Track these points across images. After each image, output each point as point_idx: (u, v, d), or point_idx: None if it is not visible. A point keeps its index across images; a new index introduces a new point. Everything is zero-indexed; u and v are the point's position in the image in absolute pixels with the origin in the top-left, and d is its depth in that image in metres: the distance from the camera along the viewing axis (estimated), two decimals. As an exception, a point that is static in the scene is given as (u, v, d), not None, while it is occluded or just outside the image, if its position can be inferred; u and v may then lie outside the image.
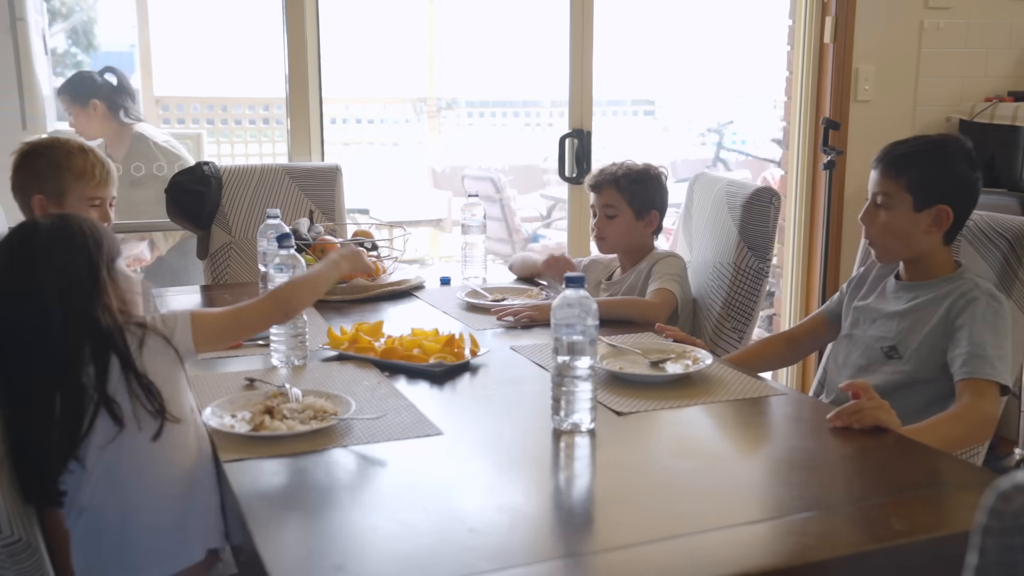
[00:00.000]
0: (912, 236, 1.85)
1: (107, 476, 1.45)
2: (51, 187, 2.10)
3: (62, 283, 1.43)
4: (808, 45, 3.59)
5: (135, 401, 1.44)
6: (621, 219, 2.45)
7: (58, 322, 1.41)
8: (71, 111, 3.41)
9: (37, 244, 1.45)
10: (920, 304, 1.84)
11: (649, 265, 2.42)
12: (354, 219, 4.86)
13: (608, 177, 2.47)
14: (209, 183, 2.88)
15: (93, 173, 2.13)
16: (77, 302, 1.43)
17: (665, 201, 2.50)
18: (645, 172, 2.47)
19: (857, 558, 1.16)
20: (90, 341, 1.43)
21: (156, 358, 1.49)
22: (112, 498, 1.45)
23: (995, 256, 1.99)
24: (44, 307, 1.42)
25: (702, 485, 1.40)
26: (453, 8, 9.41)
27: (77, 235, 1.48)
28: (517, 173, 7.61)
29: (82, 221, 1.51)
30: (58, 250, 1.46)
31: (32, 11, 3.25)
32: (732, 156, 8.33)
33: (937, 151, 1.86)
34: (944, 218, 1.82)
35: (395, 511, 1.28)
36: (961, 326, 1.77)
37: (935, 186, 1.83)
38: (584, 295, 1.50)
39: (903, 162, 1.85)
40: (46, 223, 1.49)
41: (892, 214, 1.85)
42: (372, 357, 1.91)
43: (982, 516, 0.74)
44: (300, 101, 3.20)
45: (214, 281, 2.90)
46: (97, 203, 2.14)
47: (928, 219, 1.83)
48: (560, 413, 1.54)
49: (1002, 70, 3.73)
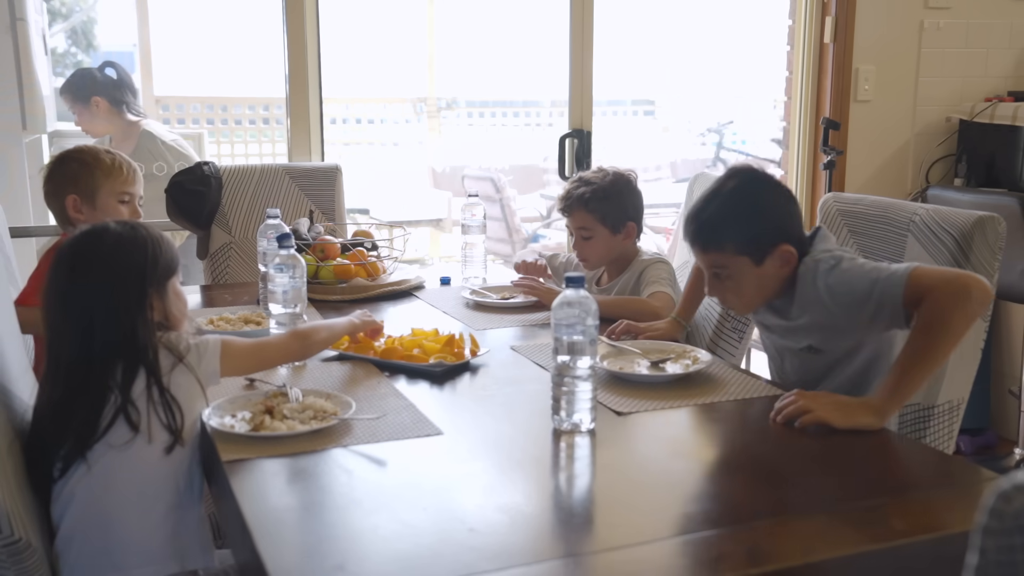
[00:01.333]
0: (768, 286, 1.76)
1: (105, 478, 1.48)
2: (83, 185, 2.22)
3: (112, 284, 1.50)
4: (808, 45, 3.60)
5: (153, 413, 1.49)
6: (598, 239, 2.41)
7: (100, 319, 1.48)
8: (74, 110, 3.41)
9: (103, 242, 1.53)
10: (802, 312, 1.77)
11: (638, 271, 2.41)
12: (354, 219, 4.86)
13: (576, 200, 2.40)
14: (209, 183, 2.88)
15: (121, 169, 2.26)
16: (121, 305, 1.50)
17: (639, 207, 2.45)
18: (612, 185, 2.40)
19: (857, 558, 1.16)
20: (124, 346, 1.49)
21: (182, 380, 1.53)
22: (104, 500, 1.49)
23: (943, 253, 1.94)
24: (91, 302, 1.49)
25: (702, 485, 1.40)
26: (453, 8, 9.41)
27: (139, 243, 1.55)
28: (517, 173, 7.61)
29: (150, 233, 1.58)
30: (119, 253, 1.53)
31: (32, 11, 3.25)
32: (732, 156, 8.32)
33: (741, 203, 1.74)
34: (788, 256, 1.72)
35: (395, 511, 1.28)
36: (840, 290, 1.67)
37: (764, 236, 1.72)
38: (584, 295, 1.50)
39: (713, 233, 1.74)
40: (116, 227, 1.56)
41: (737, 281, 1.75)
42: (372, 357, 1.91)
43: (982, 516, 0.74)
44: (300, 101, 3.20)
45: (214, 281, 2.90)
46: (127, 199, 2.27)
47: (775, 264, 1.73)
48: (560, 413, 1.54)
49: (1002, 70, 3.73)
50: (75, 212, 2.22)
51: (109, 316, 1.49)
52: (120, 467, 1.49)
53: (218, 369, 1.58)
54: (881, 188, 3.59)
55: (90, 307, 1.49)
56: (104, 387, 1.47)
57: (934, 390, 1.92)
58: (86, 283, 1.50)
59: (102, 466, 1.48)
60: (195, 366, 1.54)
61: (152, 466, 1.51)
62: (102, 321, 1.48)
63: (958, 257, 1.92)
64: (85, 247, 1.53)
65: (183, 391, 1.53)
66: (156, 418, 1.49)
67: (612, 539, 1.22)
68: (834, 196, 2.31)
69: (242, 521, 1.25)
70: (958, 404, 1.94)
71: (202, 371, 1.55)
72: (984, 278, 1.59)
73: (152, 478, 1.51)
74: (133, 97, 3.48)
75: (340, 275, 2.50)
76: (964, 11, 3.64)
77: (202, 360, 1.56)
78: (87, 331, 1.48)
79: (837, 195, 2.31)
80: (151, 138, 3.38)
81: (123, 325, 1.49)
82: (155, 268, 1.55)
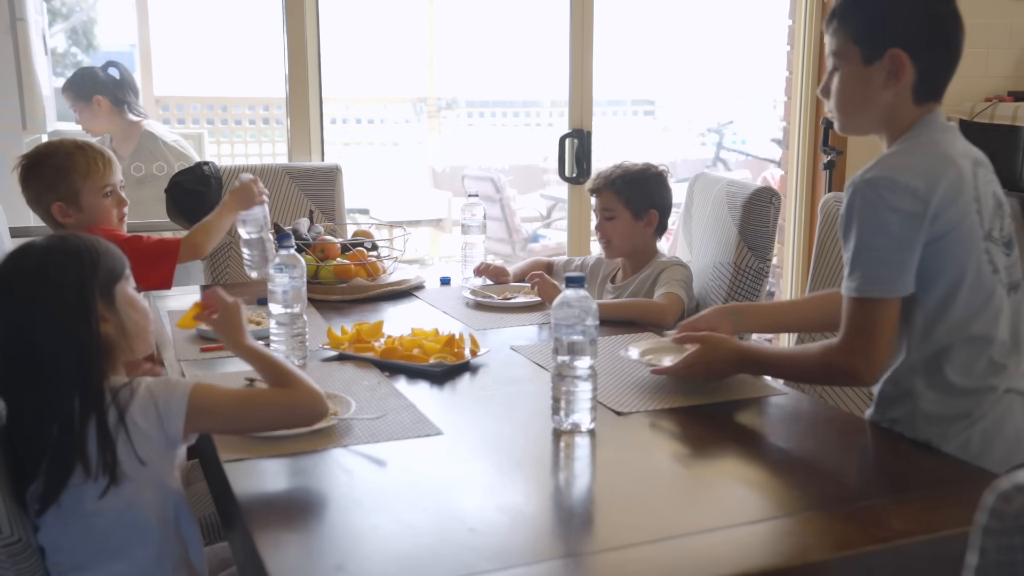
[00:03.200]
0: None
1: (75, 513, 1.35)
2: (64, 191, 2.17)
3: (47, 297, 1.34)
4: (808, 45, 3.59)
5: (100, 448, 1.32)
6: (620, 220, 2.45)
7: (41, 338, 1.32)
8: (75, 108, 3.41)
9: (29, 263, 1.37)
10: None
11: (656, 271, 2.42)
12: (354, 219, 4.87)
13: (604, 180, 2.48)
14: (209, 183, 2.87)
15: (97, 165, 2.20)
16: (65, 322, 1.34)
17: (666, 200, 2.50)
18: (643, 172, 2.47)
19: (857, 558, 1.16)
20: (76, 370, 1.33)
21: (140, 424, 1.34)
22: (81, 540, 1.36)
23: None
24: (31, 325, 1.33)
25: (702, 485, 1.40)
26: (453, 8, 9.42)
27: (72, 254, 1.38)
28: (517, 173, 7.61)
29: (83, 240, 1.41)
30: (49, 268, 1.36)
31: (32, 11, 3.25)
32: (732, 156, 8.33)
33: None
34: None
35: (395, 511, 1.28)
36: None
37: None
38: (584, 295, 1.50)
39: None
40: (42, 243, 1.40)
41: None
42: (372, 357, 1.91)
43: (982, 516, 0.74)
44: (300, 101, 3.20)
45: (214, 281, 2.90)
46: (109, 191, 2.22)
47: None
48: (560, 413, 1.54)
49: (1002, 70, 3.73)
50: (64, 218, 2.18)
51: (51, 334, 1.32)
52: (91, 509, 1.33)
53: (180, 431, 1.35)
54: (881, 188, 3.59)
55: (27, 328, 1.32)
56: (54, 416, 1.31)
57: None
58: (17, 305, 1.34)
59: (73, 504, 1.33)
60: (155, 421, 1.34)
61: (122, 511, 1.34)
62: (43, 341, 1.32)
63: None
64: (8, 268, 1.37)
65: (142, 434, 1.33)
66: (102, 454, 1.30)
67: (612, 539, 1.22)
68: (834, 196, 2.31)
69: (242, 521, 1.25)
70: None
71: (160, 430, 1.34)
72: (862, 370, 1.49)
73: (117, 520, 1.35)
74: (135, 97, 3.48)
75: (340, 275, 2.50)
76: (964, 11, 3.60)
77: (166, 416, 1.34)
78: (27, 357, 1.32)
79: (837, 195, 2.31)
80: (152, 138, 3.38)
81: (69, 343, 1.33)
82: (94, 274, 1.37)
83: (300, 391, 1.43)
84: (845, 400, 2.11)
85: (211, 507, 1.89)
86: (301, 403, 1.43)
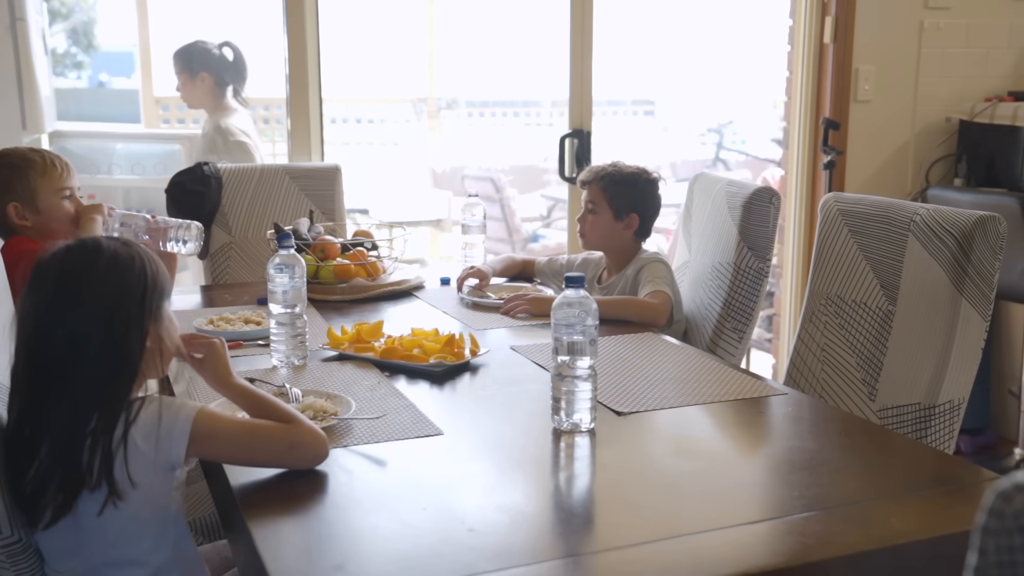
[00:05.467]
0: None
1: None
2: (20, 190, 2.13)
3: (114, 309, 1.31)
4: (808, 45, 3.59)
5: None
6: (600, 216, 2.47)
7: (92, 349, 1.29)
8: (181, 78, 3.45)
9: (100, 267, 1.32)
10: None
11: (636, 269, 2.43)
12: (354, 219, 4.87)
13: (594, 174, 2.50)
14: (209, 183, 2.88)
15: (55, 166, 2.18)
16: (120, 333, 1.31)
17: (650, 207, 2.49)
18: (633, 175, 2.47)
19: (857, 558, 1.16)
20: (107, 384, 1.30)
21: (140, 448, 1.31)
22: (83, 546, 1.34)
23: (943, 253, 1.95)
24: (83, 327, 1.29)
25: (702, 485, 1.40)
26: (453, 8, 9.41)
27: (137, 264, 1.35)
28: (517, 173, 7.60)
29: (141, 250, 1.38)
30: (126, 275, 1.33)
31: (32, 11, 3.25)
32: (732, 156, 8.33)
33: None
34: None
35: (395, 511, 1.28)
36: None
37: None
38: (584, 295, 1.50)
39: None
40: (109, 244, 1.36)
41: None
42: (372, 357, 1.91)
43: (982, 516, 0.74)
44: (300, 101, 3.20)
45: (214, 281, 2.90)
46: (67, 193, 2.19)
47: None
48: (560, 413, 1.54)
49: (1002, 70, 3.73)
50: (19, 220, 2.12)
51: (100, 343, 1.29)
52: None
53: (181, 456, 1.32)
54: (881, 188, 3.59)
55: (84, 334, 1.28)
56: (66, 427, 1.28)
57: (935, 390, 1.92)
58: (81, 306, 1.30)
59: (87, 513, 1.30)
60: (142, 442, 1.30)
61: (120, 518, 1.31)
62: (94, 352, 1.28)
63: (959, 257, 1.93)
64: (76, 264, 1.32)
65: (140, 454, 1.30)
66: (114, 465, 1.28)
67: (612, 539, 1.22)
68: (834, 196, 2.31)
69: (242, 521, 1.25)
70: (959, 404, 1.94)
71: (160, 450, 1.31)
72: None
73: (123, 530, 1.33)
74: (241, 83, 3.49)
75: (340, 275, 2.50)
76: (964, 11, 3.64)
77: (168, 441, 1.31)
78: (70, 362, 1.28)
79: (838, 195, 2.31)
80: (220, 132, 3.38)
81: (114, 355, 1.30)
82: (154, 287, 1.35)
83: (302, 428, 1.39)
84: (845, 400, 2.12)
85: (211, 507, 1.89)
86: (302, 440, 1.38)
